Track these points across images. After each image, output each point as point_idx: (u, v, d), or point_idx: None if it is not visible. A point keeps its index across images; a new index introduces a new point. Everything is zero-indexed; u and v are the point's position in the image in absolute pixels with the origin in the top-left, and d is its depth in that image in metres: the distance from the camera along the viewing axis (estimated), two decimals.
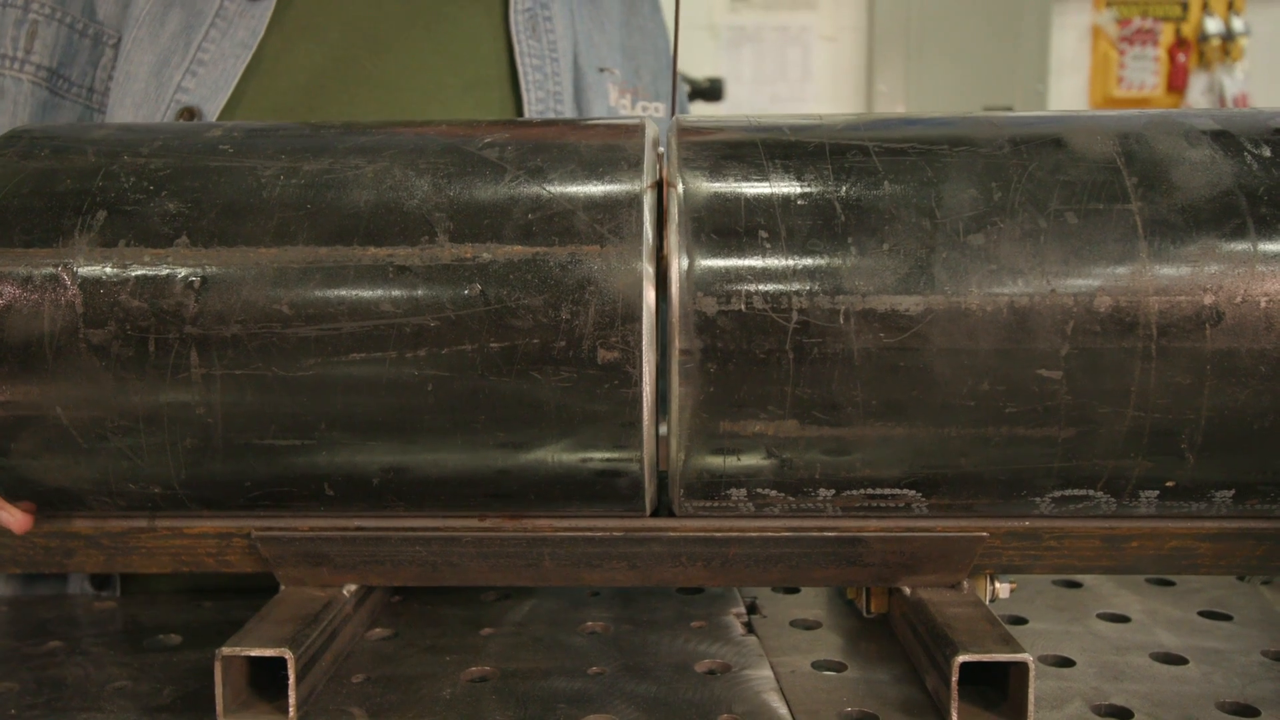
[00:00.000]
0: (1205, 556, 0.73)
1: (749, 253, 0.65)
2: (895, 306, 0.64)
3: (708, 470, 0.68)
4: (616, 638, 0.80)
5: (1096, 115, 0.71)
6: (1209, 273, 0.64)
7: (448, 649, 0.78)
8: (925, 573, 0.73)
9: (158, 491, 0.71)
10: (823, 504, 0.70)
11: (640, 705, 0.69)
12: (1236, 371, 0.64)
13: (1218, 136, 0.68)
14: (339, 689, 0.71)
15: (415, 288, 0.66)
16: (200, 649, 0.79)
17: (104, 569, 0.76)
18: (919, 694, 0.70)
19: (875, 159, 0.67)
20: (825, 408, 0.65)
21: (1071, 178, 0.66)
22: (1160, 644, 0.78)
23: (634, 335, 0.65)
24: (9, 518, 0.73)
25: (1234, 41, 4.40)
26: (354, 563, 0.74)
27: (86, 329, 0.66)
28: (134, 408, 0.68)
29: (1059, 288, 0.64)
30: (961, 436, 0.66)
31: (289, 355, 0.66)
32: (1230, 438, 0.65)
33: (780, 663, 0.75)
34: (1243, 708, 0.69)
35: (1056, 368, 0.64)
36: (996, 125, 0.70)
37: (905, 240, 0.65)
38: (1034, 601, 0.86)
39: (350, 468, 0.69)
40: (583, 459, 0.68)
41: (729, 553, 0.73)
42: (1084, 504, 0.70)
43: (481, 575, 0.74)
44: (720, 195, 0.67)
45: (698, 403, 0.66)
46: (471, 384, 0.66)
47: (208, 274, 0.66)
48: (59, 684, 0.73)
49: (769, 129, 0.70)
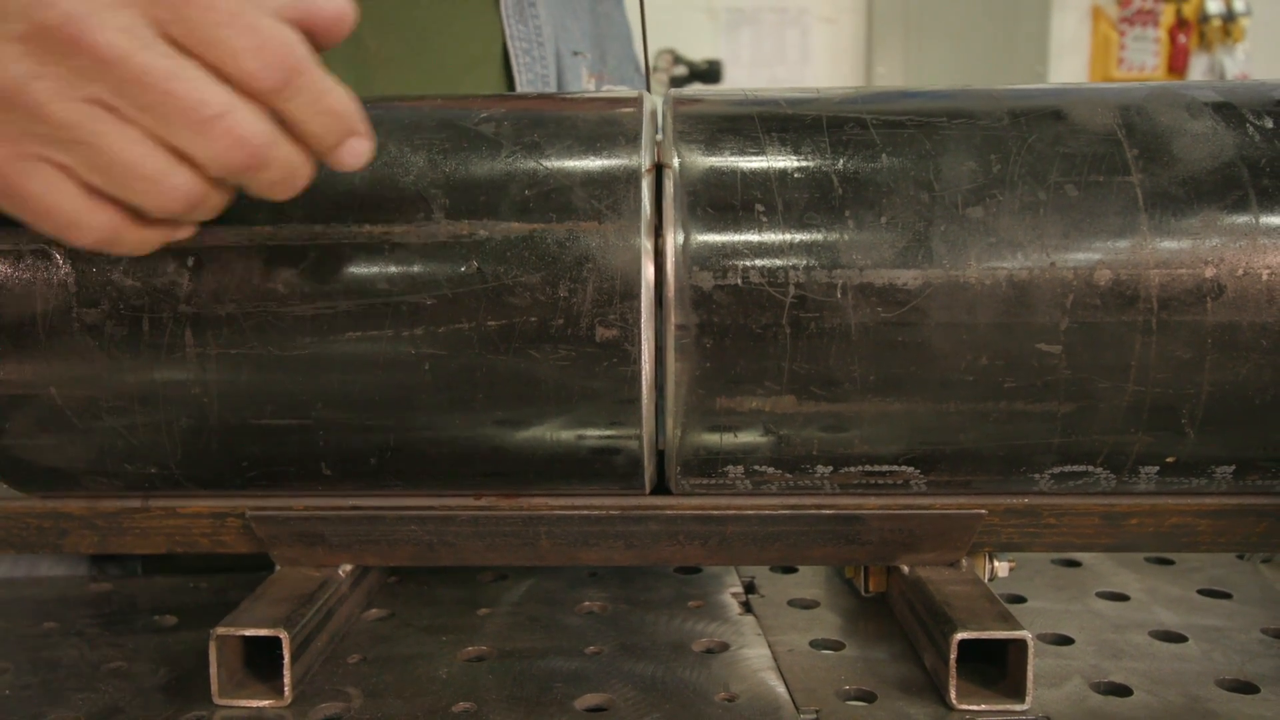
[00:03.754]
0: (1205, 533, 0.72)
1: (745, 227, 0.65)
2: (893, 280, 0.64)
3: (704, 447, 0.68)
4: (614, 617, 0.79)
5: (1097, 87, 0.71)
6: (1210, 245, 0.64)
7: (444, 629, 0.77)
8: (924, 551, 0.73)
9: (153, 471, 0.71)
10: (820, 481, 0.70)
11: (637, 684, 0.69)
12: (1238, 345, 0.63)
13: (1220, 108, 0.68)
14: (335, 669, 0.71)
15: (411, 265, 0.65)
16: (195, 629, 0.78)
17: (98, 549, 0.76)
18: (917, 672, 0.70)
19: (873, 132, 0.67)
20: (822, 383, 0.65)
21: (1071, 150, 0.65)
22: (1160, 622, 0.78)
23: (632, 312, 0.65)
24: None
25: (1235, 22, 4.39)
26: (349, 542, 0.74)
27: (80, 308, 0.66)
28: (128, 387, 0.67)
29: (1059, 261, 0.64)
30: (960, 412, 0.66)
31: (284, 334, 0.66)
32: (1231, 413, 0.65)
33: (778, 642, 0.75)
34: (1242, 685, 0.68)
35: (1056, 342, 0.64)
36: (995, 98, 0.69)
37: (903, 213, 0.64)
38: (1033, 580, 0.86)
39: (347, 447, 0.69)
40: (580, 436, 0.68)
41: (726, 531, 0.72)
42: (1083, 480, 0.69)
43: (478, 555, 0.74)
44: (716, 169, 0.66)
45: (694, 379, 0.65)
46: (468, 362, 0.66)
47: (201, 252, 0.66)
48: (53, 665, 0.73)
49: (765, 102, 0.69)
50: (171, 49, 0.51)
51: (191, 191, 0.54)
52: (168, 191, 0.53)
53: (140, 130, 0.51)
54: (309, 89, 0.53)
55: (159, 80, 0.50)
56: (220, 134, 0.51)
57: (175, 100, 0.50)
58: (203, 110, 0.51)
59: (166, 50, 0.50)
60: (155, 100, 0.50)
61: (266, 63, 0.51)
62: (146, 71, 0.50)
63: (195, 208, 0.55)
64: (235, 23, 0.51)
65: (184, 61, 0.51)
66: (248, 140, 0.52)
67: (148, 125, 0.51)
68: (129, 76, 0.50)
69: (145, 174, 0.52)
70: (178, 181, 0.53)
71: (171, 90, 0.50)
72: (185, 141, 0.52)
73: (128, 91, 0.50)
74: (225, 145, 0.52)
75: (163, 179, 0.52)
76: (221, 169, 0.53)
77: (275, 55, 0.51)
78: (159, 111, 0.51)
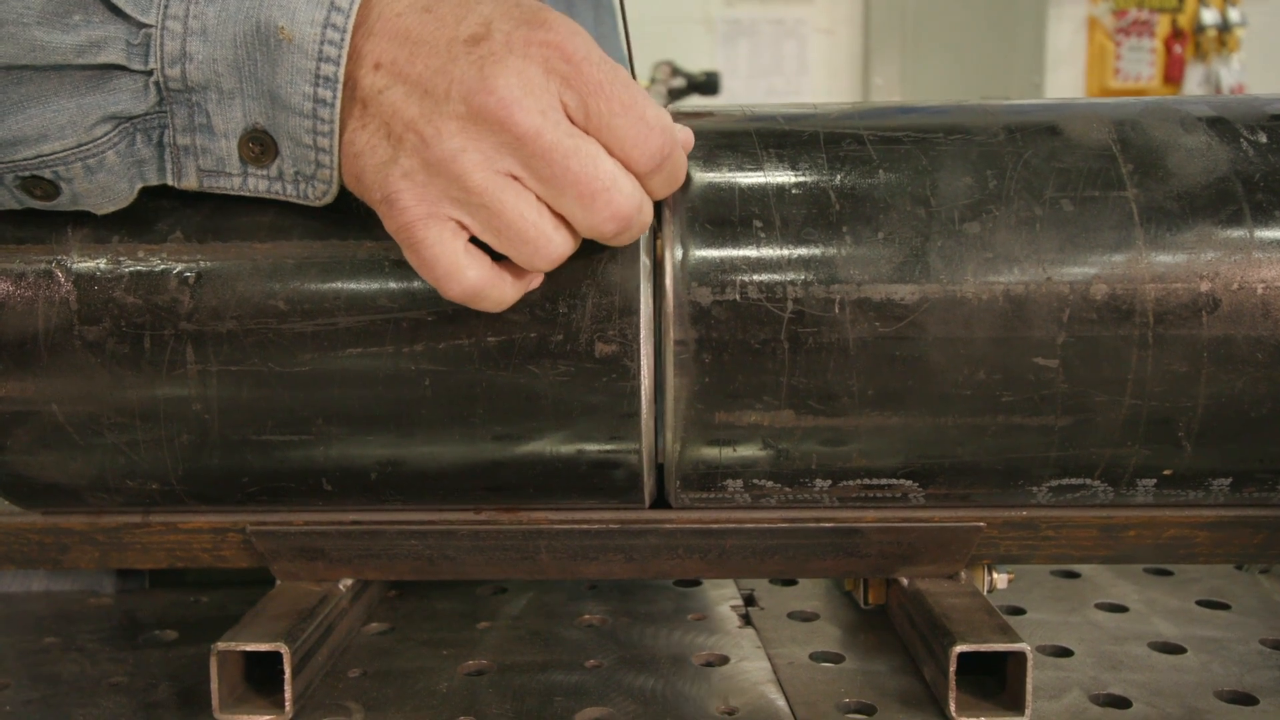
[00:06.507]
0: (1203, 545, 0.73)
1: (743, 242, 0.65)
2: (890, 295, 0.64)
3: (704, 461, 0.68)
4: (614, 630, 0.80)
5: (1092, 102, 0.71)
6: (1205, 259, 0.64)
7: (445, 643, 0.77)
8: (923, 563, 0.73)
9: (155, 488, 0.71)
10: (819, 495, 0.70)
11: (637, 698, 0.69)
12: (1233, 359, 0.64)
13: (1214, 123, 0.68)
14: (335, 683, 0.71)
15: (412, 281, 0.65)
16: (196, 644, 0.78)
17: (99, 565, 0.76)
18: (917, 685, 0.70)
19: (870, 147, 0.67)
20: (821, 398, 0.65)
21: (1067, 165, 0.66)
22: (1158, 633, 0.78)
23: (631, 328, 0.65)
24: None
25: (1230, 33, 4.40)
26: (349, 557, 0.74)
27: (81, 326, 0.66)
28: (130, 404, 0.67)
29: (1055, 275, 0.64)
30: (958, 426, 0.66)
31: (285, 350, 0.66)
32: (1227, 425, 0.65)
33: (778, 654, 0.75)
34: (1241, 696, 0.69)
35: (1053, 356, 0.64)
36: (991, 113, 0.69)
37: (900, 229, 0.65)
38: (1032, 592, 0.86)
39: (347, 462, 0.69)
40: (579, 450, 0.68)
41: (726, 544, 0.73)
42: (1081, 493, 0.69)
43: (478, 569, 0.74)
44: (715, 185, 0.66)
45: (693, 394, 0.66)
46: (468, 378, 0.66)
47: (202, 269, 0.66)
48: (55, 680, 0.73)
49: (763, 118, 0.70)
50: (574, 129, 0.59)
51: (564, 253, 0.61)
52: (544, 250, 0.60)
53: (535, 198, 0.59)
54: (671, 169, 0.62)
55: (561, 157, 0.58)
56: (602, 205, 0.59)
57: (571, 175, 0.58)
58: (592, 184, 0.58)
59: (570, 130, 0.58)
60: (555, 173, 0.58)
61: (647, 152, 0.60)
62: (553, 148, 0.57)
63: (560, 260, 0.62)
64: (628, 114, 0.59)
65: (582, 141, 0.58)
66: (622, 212, 0.60)
67: (543, 195, 0.59)
68: (538, 151, 0.57)
69: (531, 237, 0.60)
70: (556, 242, 0.60)
71: (569, 167, 0.58)
72: (572, 210, 0.60)
73: (533, 165, 0.58)
74: (605, 216, 0.59)
75: (544, 241, 0.60)
76: (595, 234, 0.61)
77: (656, 145, 0.60)
78: (556, 184, 0.58)
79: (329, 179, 0.62)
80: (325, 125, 0.60)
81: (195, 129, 0.62)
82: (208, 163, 0.63)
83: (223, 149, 0.62)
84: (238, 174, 0.63)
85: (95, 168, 0.62)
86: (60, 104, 0.60)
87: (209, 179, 0.63)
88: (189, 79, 0.60)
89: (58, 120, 0.61)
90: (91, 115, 0.61)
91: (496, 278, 0.61)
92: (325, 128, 0.60)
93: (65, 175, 0.63)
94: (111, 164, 0.62)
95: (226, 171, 0.63)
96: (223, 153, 0.62)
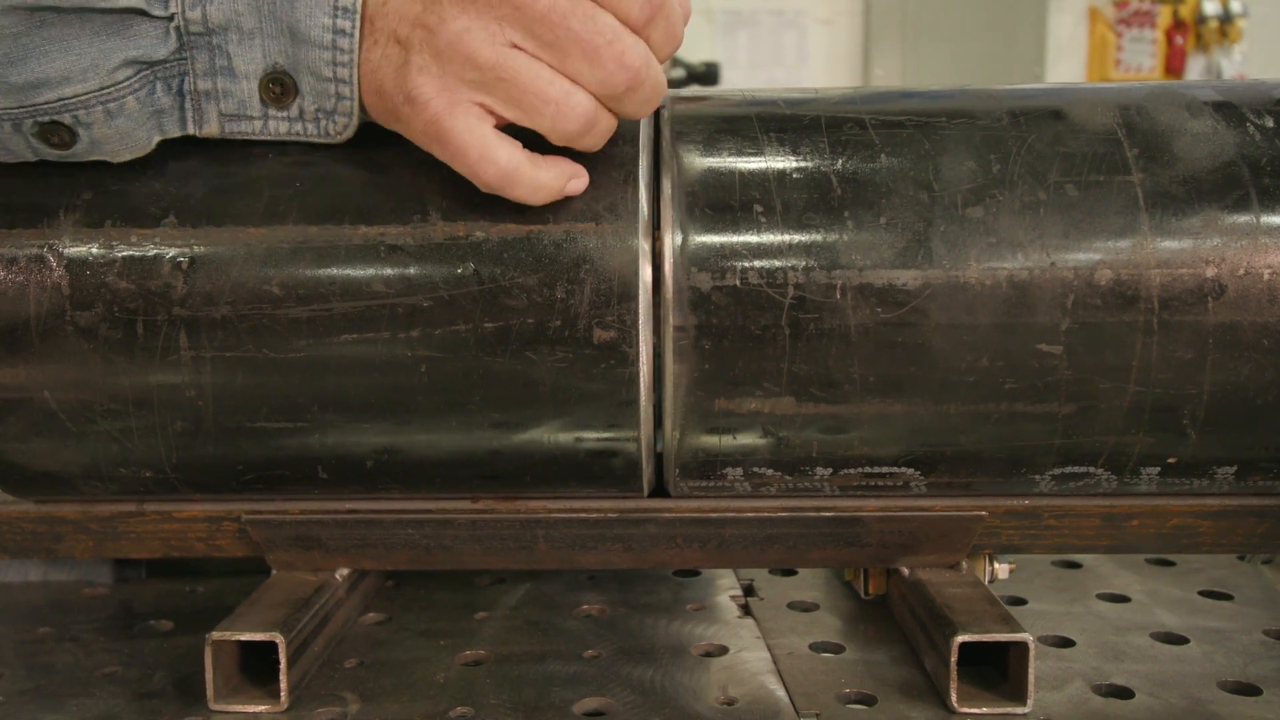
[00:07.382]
0: (1206, 534, 0.72)
1: (744, 228, 0.64)
2: (892, 281, 0.63)
3: (703, 449, 0.67)
4: (612, 621, 0.79)
5: (1097, 87, 0.71)
6: (1211, 245, 0.63)
7: (442, 633, 0.77)
8: (924, 553, 0.73)
9: (149, 475, 0.70)
10: (820, 483, 0.69)
11: (636, 688, 0.68)
12: (1239, 345, 0.63)
13: (1220, 108, 0.67)
14: (332, 673, 0.70)
15: (408, 267, 0.65)
16: (191, 634, 0.78)
17: (94, 554, 0.76)
18: (918, 675, 0.69)
19: (872, 132, 0.66)
20: (822, 385, 0.65)
21: (1071, 149, 0.65)
22: (1161, 624, 0.78)
23: (630, 314, 0.64)
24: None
25: (1232, 23, 4.39)
26: (345, 546, 0.73)
27: (73, 311, 0.66)
28: (123, 391, 0.67)
29: (1059, 261, 0.63)
30: (960, 413, 0.65)
31: (280, 336, 0.65)
32: (1232, 413, 0.65)
33: (777, 644, 0.74)
34: (1244, 687, 0.68)
35: (1056, 342, 0.63)
36: (995, 97, 0.69)
37: (902, 214, 0.64)
38: (1033, 582, 0.85)
39: (343, 450, 0.69)
40: (578, 438, 0.67)
41: (725, 534, 0.72)
42: (1084, 482, 0.69)
43: (475, 558, 0.74)
44: (714, 169, 0.66)
45: (692, 380, 0.65)
46: (465, 364, 0.65)
47: (196, 254, 0.65)
48: (49, 670, 0.73)
49: (764, 103, 0.69)
50: None
51: (588, 111, 0.62)
52: (568, 111, 0.61)
53: (544, 64, 0.61)
54: (668, 20, 0.63)
55: (560, 17, 0.59)
56: (608, 59, 0.60)
57: (573, 33, 0.60)
58: (595, 39, 0.60)
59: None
60: (558, 35, 0.60)
61: (637, 1, 0.61)
62: (551, 9, 0.59)
63: (590, 129, 0.63)
64: None
65: (578, 1, 0.60)
66: (630, 63, 0.61)
67: (550, 60, 0.61)
68: (537, 16, 0.59)
69: (551, 97, 0.61)
70: (577, 100, 0.61)
71: (570, 26, 0.60)
72: (580, 69, 0.61)
73: (536, 30, 0.60)
74: (613, 69, 0.61)
75: (565, 100, 0.61)
76: (609, 90, 0.62)
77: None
78: (560, 45, 0.60)
79: (349, 110, 0.63)
80: (345, 55, 0.61)
81: (216, 72, 0.63)
82: (229, 106, 0.64)
83: (244, 91, 0.63)
84: (259, 116, 0.64)
85: (115, 112, 0.63)
86: (82, 48, 0.61)
87: (230, 123, 0.65)
88: (210, 20, 0.61)
89: (80, 64, 0.61)
90: (114, 59, 0.61)
91: (529, 159, 0.62)
92: (344, 58, 0.61)
93: (85, 120, 0.63)
94: (131, 110, 0.63)
95: (248, 115, 0.64)
96: (244, 95, 0.63)
